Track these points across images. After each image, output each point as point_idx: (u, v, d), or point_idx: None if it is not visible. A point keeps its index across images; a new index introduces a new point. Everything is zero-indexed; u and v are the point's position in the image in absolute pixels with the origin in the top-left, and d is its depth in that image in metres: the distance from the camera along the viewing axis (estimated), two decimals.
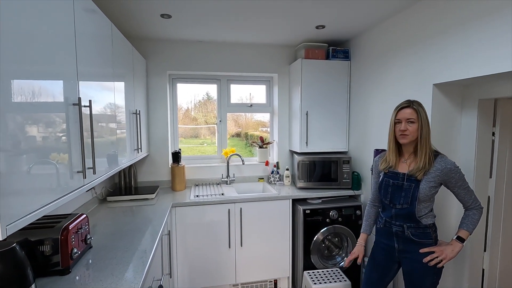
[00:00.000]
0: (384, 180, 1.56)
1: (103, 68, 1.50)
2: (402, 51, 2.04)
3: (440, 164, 1.39)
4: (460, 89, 1.85)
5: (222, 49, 2.83)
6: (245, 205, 2.39)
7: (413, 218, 1.44)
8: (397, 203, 1.48)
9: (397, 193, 1.49)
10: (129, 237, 1.57)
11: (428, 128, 1.43)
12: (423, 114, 1.43)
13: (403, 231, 1.48)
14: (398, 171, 1.51)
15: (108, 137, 1.60)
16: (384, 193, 1.55)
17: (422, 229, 1.44)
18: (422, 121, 1.42)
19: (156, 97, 2.73)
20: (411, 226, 1.45)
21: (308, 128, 2.69)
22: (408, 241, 1.47)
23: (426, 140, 1.41)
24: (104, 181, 2.38)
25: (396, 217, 1.50)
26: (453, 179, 1.38)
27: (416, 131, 1.43)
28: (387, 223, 1.56)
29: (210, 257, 2.35)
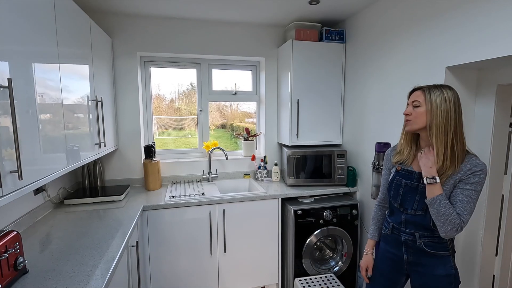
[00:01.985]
0: (395, 179, 1.30)
1: (39, 45, 1.15)
2: (408, 31, 1.78)
3: (465, 165, 1.12)
4: (475, 73, 1.61)
5: (202, 28, 2.47)
6: (228, 206, 2.10)
7: (427, 227, 1.19)
8: (409, 208, 1.23)
9: (409, 196, 1.23)
10: (81, 255, 1.25)
11: (448, 116, 1.13)
12: (436, 97, 1.14)
13: (414, 240, 1.23)
14: (413, 169, 1.25)
15: (52, 129, 1.26)
16: (393, 195, 1.30)
17: (438, 238, 1.19)
18: (432, 105, 1.14)
19: (125, 83, 2.36)
20: (425, 235, 1.21)
21: (299, 118, 2.41)
22: (420, 252, 1.23)
23: (440, 130, 1.12)
24: (61, 181, 2.02)
25: (406, 224, 1.25)
26: (468, 179, 1.10)
27: (422, 116, 1.17)
28: (395, 230, 1.31)
29: (189, 267, 2.06)
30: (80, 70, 1.64)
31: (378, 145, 1.73)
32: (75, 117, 1.56)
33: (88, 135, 1.71)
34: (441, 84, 1.20)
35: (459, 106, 1.15)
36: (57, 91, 1.32)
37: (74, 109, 1.53)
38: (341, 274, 2.22)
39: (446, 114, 1.13)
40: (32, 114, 1.08)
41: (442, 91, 1.15)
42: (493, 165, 1.59)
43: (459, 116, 1.14)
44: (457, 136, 1.13)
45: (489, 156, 1.57)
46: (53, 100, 1.29)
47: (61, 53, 1.36)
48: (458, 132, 1.14)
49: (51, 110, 1.27)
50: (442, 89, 1.16)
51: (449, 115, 1.13)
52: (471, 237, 1.66)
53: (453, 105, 1.13)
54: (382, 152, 1.71)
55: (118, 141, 2.39)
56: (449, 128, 1.13)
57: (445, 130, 1.13)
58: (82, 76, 1.66)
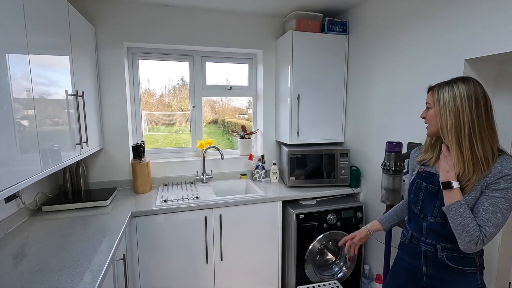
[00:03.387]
0: (416, 181, 1.16)
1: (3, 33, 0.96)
2: (421, 21, 1.64)
3: (496, 168, 0.96)
4: (494, 66, 1.49)
5: (195, 17, 2.28)
6: (225, 211, 1.94)
7: (449, 237, 1.05)
8: (429, 215, 1.10)
9: (430, 201, 1.10)
10: (57, 276, 1.07)
11: (459, 115, 0.97)
12: (444, 96, 1.01)
13: (435, 252, 1.09)
14: (434, 171, 1.12)
15: (24, 128, 1.07)
16: (413, 199, 1.16)
17: (464, 252, 1.04)
18: (440, 106, 1.01)
19: (110, 76, 2.15)
20: (448, 248, 1.06)
21: (300, 115, 2.26)
22: (442, 266, 1.09)
23: (451, 132, 0.99)
24: (39, 185, 1.82)
25: (427, 233, 1.12)
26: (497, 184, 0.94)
27: (433, 119, 1.05)
28: (414, 239, 1.17)
29: (183, 278, 1.89)
30: (57, 62, 1.44)
31: (389, 144, 1.59)
32: (52, 114, 1.36)
33: (67, 134, 1.52)
34: (457, 77, 1.04)
35: (477, 100, 0.97)
36: (26, 85, 1.13)
37: (50, 105, 1.34)
38: (345, 281, 2.10)
39: (456, 113, 0.98)
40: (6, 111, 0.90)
41: (453, 86, 1.00)
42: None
43: (481, 111, 0.97)
44: (477, 135, 0.97)
45: None
46: (23, 95, 1.09)
47: (30, 42, 1.16)
48: (479, 131, 0.96)
49: (23, 106, 1.08)
50: (453, 85, 1.01)
51: (461, 113, 0.97)
52: (488, 245, 1.55)
53: (468, 100, 0.97)
54: (394, 152, 1.58)
55: (104, 140, 2.19)
56: (462, 128, 0.97)
57: (456, 131, 0.99)
58: (59, 68, 1.46)
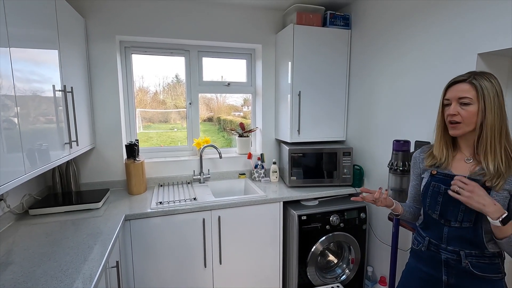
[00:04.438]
0: (431, 184, 1.08)
1: None
2: (431, 14, 1.56)
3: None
4: (508, 61, 1.42)
5: (191, 9, 2.17)
6: (224, 212, 1.86)
7: (475, 243, 0.98)
8: (453, 220, 1.01)
9: (452, 205, 1.01)
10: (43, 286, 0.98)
11: (502, 113, 0.94)
12: (489, 92, 0.92)
13: (458, 260, 1.01)
14: (452, 173, 1.04)
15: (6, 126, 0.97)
16: (431, 203, 1.07)
17: (489, 258, 0.98)
18: (486, 102, 0.92)
19: (102, 71, 2.04)
20: (472, 254, 0.99)
21: (301, 112, 2.17)
22: (465, 275, 1.01)
23: (497, 131, 0.93)
24: (26, 186, 1.71)
25: (449, 240, 1.03)
26: None
27: (474, 117, 0.95)
28: (432, 246, 1.08)
29: (180, 283, 1.80)
30: (43, 56, 1.33)
31: (397, 143, 1.52)
32: (38, 112, 1.26)
33: (55, 133, 1.42)
34: (482, 71, 0.99)
35: (503, 97, 0.96)
36: (7, 81, 1.02)
37: (36, 102, 1.23)
38: (348, 283, 2.04)
39: (501, 110, 0.93)
40: None
41: (491, 81, 0.94)
42: None
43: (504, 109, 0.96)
44: (508, 132, 0.95)
45: None
46: (4, 92, 0.99)
47: (11, 34, 1.06)
48: (507, 130, 0.95)
49: (4, 104, 0.98)
50: (489, 79, 0.95)
51: (503, 111, 0.94)
52: None
53: (503, 97, 0.95)
54: (401, 151, 1.51)
55: (95, 138, 2.08)
56: (503, 127, 0.93)
57: (500, 130, 0.93)
58: (45, 62, 1.35)
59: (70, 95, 1.56)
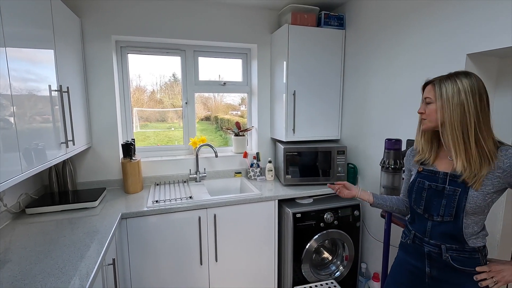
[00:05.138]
0: (417, 181, 1.12)
1: None
2: (422, 15, 1.59)
3: (502, 161, 0.93)
4: (496, 61, 1.46)
5: (187, 9, 2.19)
6: (220, 210, 1.88)
7: (456, 237, 1.02)
8: (435, 214, 1.05)
9: (435, 200, 1.06)
10: (39, 285, 0.99)
11: (464, 110, 0.95)
12: (447, 90, 0.97)
13: (439, 253, 1.06)
14: (436, 169, 1.08)
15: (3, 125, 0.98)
16: (416, 199, 1.12)
17: (469, 253, 1.02)
18: (443, 100, 0.98)
19: (98, 71, 2.05)
20: (453, 248, 1.03)
21: (296, 111, 2.20)
22: (447, 268, 1.06)
23: (456, 128, 0.96)
24: (22, 185, 1.72)
25: (432, 234, 1.08)
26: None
27: (434, 114, 1.01)
28: (417, 240, 1.13)
29: (176, 280, 1.83)
30: (38, 55, 1.34)
31: (388, 142, 1.55)
32: (35, 111, 1.27)
33: (52, 132, 1.43)
34: (458, 71, 1.01)
35: (481, 95, 0.95)
36: (4, 80, 1.04)
37: (32, 101, 1.25)
38: (342, 280, 2.07)
39: (461, 107, 0.95)
40: None
41: (456, 81, 0.97)
42: None
43: (484, 106, 0.96)
44: (483, 130, 0.95)
45: None
46: (1, 91, 1.01)
47: (7, 34, 1.07)
48: (483, 125, 0.95)
49: (1, 103, 0.99)
50: (456, 79, 0.98)
51: (466, 108, 0.95)
52: (487, 241, 1.53)
53: (472, 95, 0.95)
54: (393, 150, 1.54)
55: (92, 138, 2.09)
56: (468, 123, 0.95)
57: (462, 127, 0.96)
58: (41, 62, 1.36)
59: (66, 95, 1.57)
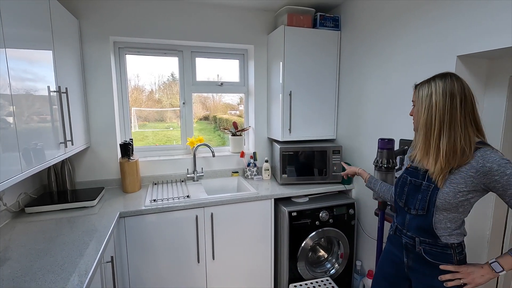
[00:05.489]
0: (402, 176, 1.19)
1: None
2: (415, 17, 1.62)
3: (477, 161, 0.95)
4: (485, 62, 1.49)
5: (184, 11, 2.21)
6: (217, 209, 1.91)
7: (429, 231, 1.07)
8: (412, 208, 1.11)
9: (413, 195, 1.12)
10: (39, 282, 1.02)
11: (431, 111, 1.00)
12: (422, 93, 1.04)
13: (414, 245, 1.12)
14: (419, 167, 1.13)
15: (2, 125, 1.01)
16: (399, 193, 1.19)
17: (441, 248, 1.06)
18: (419, 103, 1.06)
19: (96, 72, 2.08)
20: (426, 242, 1.09)
21: (292, 111, 2.23)
22: (420, 259, 1.12)
23: (424, 128, 1.03)
24: (21, 185, 1.75)
25: (409, 226, 1.14)
26: (497, 184, 0.92)
27: (415, 116, 1.10)
28: (397, 231, 1.21)
29: (174, 278, 1.86)
30: (37, 56, 1.37)
31: (382, 141, 1.58)
32: (34, 112, 1.30)
33: (50, 133, 1.46)
34: (438, 74, 1.05)
35: (452, 95, 0.98)
36: (3, 81, 1.06)
37: (31, 102, 1.27)
38: (337, 277, 2.10)
39: (429, 110, 1.01)
40: None
41: (431, 84, 1.03)
42: None
43: (456, 106, 0.97)
44: (446, 130, 0.98)
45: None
46: (1, 91, 1.03)
47: (7, 35, 1.10)
48: (449, 125, 0.98)
49: (1, 103, 1.02)
50: (431, 82, 1.03)
51: (433, 110, 1.00)
52: (478, 238, 1.57)
53: (443, 96, 0.99)
54: (386, 149, 1.57)
55: (90, 138, 2.11)
56: (433, 123, 1.00)
57: (426, 127, 1.02)
58: (40, 63, 1.39)
59: (64, 95, 1.60)
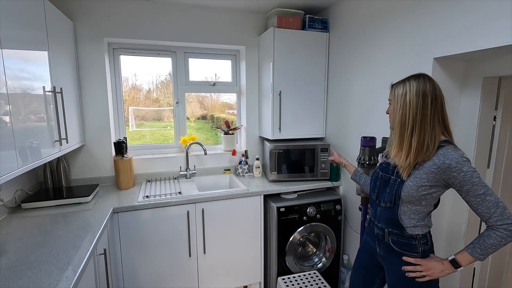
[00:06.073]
0: (376, 171, 1.28)
1: None
2: (395, 20, 1.70)
3: (439, 158, 1.02)
4: (461, 65, 1.57)
5: (177, 12, 2.27)
6: (207, 205, 1.98)
7: (396, 223, 1.15)
8: (382, 200, 1.19)
9: (383, 188, 1.20)
10: (35, 271, 1.08)
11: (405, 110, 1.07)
12: (398, 92, 1.10)
13: (383, 236, 1.21)
14: (391, 162, 1.20)
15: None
16: (372, 187, 1.27)
17: (407, 238, 1.14)
18: (394, 102, 1.12)
19: (90, 72, 2.13)
20: (393, 232, 1.17)
21: (282, 111, 2.30)
22: (389, 249, 1.20)
23: (399, 125, 1.10)
24: (17, 182, 1.80)
25: (380, 218, 1.22)
26: (455, 180, 0.99)
27: (392, 114, 1.16)
28: (371, 223, 1.30)
29: (166, 271, 1.93)
30: (33, 57, 1.43)
31: (364, 139, 1.66)
32: (29, 111, 1.36)
33: (45, 131, 1.52)
34: (412, 75, 1.12)
35: (425, 95, 1.05)
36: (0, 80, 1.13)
37: (27, 101, 1.33)
38: (324, 270, 2.18)
39: (403, 108, 1.08)
40: None
41: (406, 84, 1.10)
42: (477, 159, 1.56)
43: (427, 105, 1.04)
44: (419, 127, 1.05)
45: (473, 150, 1.55)
46: None
47: (4, 37, 1.16)
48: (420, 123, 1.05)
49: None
50: (406, 82, 1.10)
51: (407, 109, 1.07)
52: (454, 231, 1.65)
53: (416, 95, 1.05)
54: (368, 147, 1.65)
55: (85, 136, 2.17)
56: (406, 121, 1.07)
57: (400, 125, 1.09)
58: (35, 64, 1.45)
59: (59, 95, 1.66)
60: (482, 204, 0.98)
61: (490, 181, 1.62)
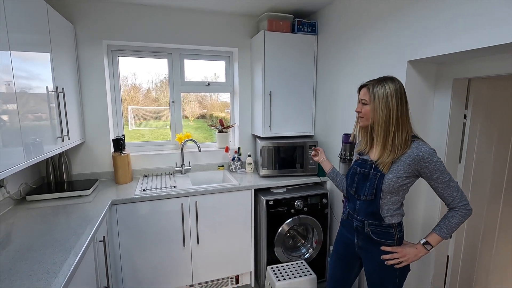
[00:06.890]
0: (352, 167, 1.38)
1: None
2: (375, 24, 1.82)
3: (413, 151, 1.15)
4: (434, 67, 1.69)
5: (173, 16, 2.39)
6: (201, 198, 2.10)
7: (376, 214, 1.26)
8: (362, 194, 1.29)
9: (362, 183, 1.30)
10: (41, 253, 1.20)
11: (389, 112, 1.17)
12: (379, 94, 1.19)
13: (363, 227, 1.31)
14: (368, 158, 1.31)
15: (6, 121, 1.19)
16: (350, 182, 1.37)
17: (385, 228, 1.26)
18: (375, 103, 1.20)
19: (90, 73, 2.25)
20: (373, 224, 1.28)
21: (272, 110, 2.42)
22: (368, 239, 1.31)
23: (381, 126, 1.19)
24: (22, 176, 1.92)
25: (359, 211, 1.32)
26: (427, 169, 1.14)
27: (369, 114, 1.24)
28: (349, 216, 1.39)
29: (161, 260, 2.05)
30: (37, 59, 1.54)
31: (345, 136, 1.78)
32: (34, 109, 1.48)
33: (48, 128, 1.64)
34: (386, 76, 1.24)
35: (401, 97, 1.18)
36: (8, 81, 1.24)
37: (32, 101, 1.45)
38: (311, 261, 2.31)
39: (387, 110, 1.17)
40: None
41: (385, 86, 1.19)
42: (449, 154, 1.69)
43: (402, 106, 1.18)
44: (400, 127, 1.17)
45: (445, 146, 1.67)
46: (5, 90, 1.21)
47: (12, 40, 1.27)
48: (401, 123, 1.18)
49: (3, 101, 1.19)
50: (384, 84, 1.19)
51: (390, 110, 1.17)
52: (428, 222, 1.78)
53: (395, 98, 1.17)
54: (349, 143, 1.77)
55: (85, 133, 2.29)
56: (390, 122, 1.18)
57: (385, 126, 1.19)
58: (39, 65, 1.56)
59: (61, 95, 1.77)
60: (447, 189, 1.15)
61: (461, 175, 1.74)
